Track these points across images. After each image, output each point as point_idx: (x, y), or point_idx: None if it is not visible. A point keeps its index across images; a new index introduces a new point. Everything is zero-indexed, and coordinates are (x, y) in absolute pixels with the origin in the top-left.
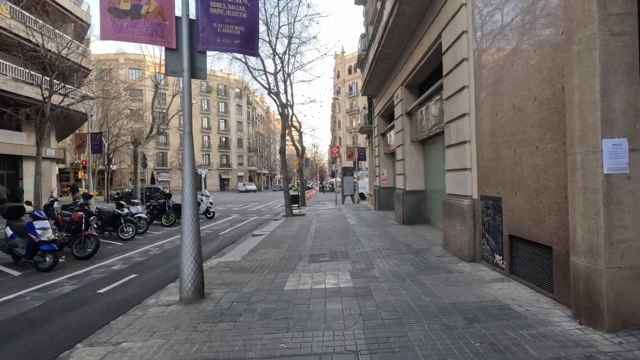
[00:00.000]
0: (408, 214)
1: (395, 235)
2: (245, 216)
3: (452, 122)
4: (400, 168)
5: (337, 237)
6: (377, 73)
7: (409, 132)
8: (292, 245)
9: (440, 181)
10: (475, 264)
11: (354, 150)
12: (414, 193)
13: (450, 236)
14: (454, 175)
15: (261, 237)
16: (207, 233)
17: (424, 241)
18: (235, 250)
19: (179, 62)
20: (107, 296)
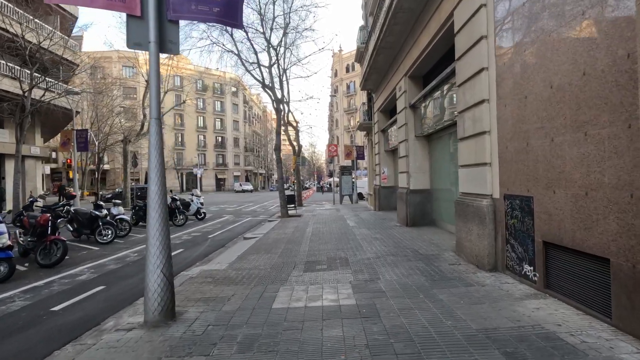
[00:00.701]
0: (412, 215)
1: (399, 239)
2: (238, 217)
3: (467, 111)
4: (404, 165)
5: (335, 241)
6: (378, 64)
7: (412, 127)
8: (286, 250)
9: (447, 179)
10: (498, 274)
11: (352, 148)
12: (419, 192)
13: (464, 241)
14: (470, 172)
15: (253, 241)
16: (195, 236)
17: (432, 246)
18: (222, 256)
19: (144, 33)
20: (61, 315)
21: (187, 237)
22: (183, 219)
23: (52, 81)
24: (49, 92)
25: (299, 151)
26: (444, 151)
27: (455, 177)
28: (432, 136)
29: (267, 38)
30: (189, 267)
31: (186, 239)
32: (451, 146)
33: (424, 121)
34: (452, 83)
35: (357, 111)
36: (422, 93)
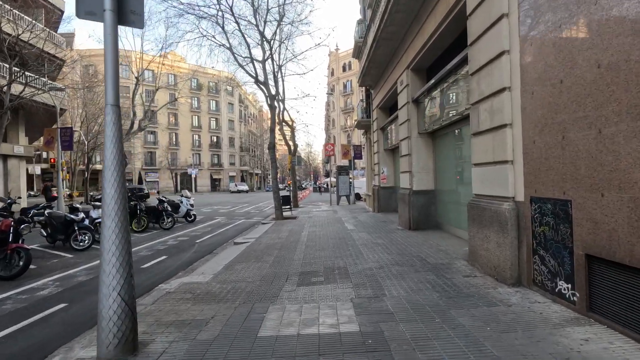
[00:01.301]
0: (415, 217)
1: (403, 245)
2: (231, 219)
3: (482, 103)
4: (406, 165)
5: (333, 247)
6: (378, 58)
7: (415, 123)
8: (278, 258)
9: (453, 179)
10: (523, 290)
11: (349, 148)
12: (422, 193)
13: (480, 249)
14: (486, 171)
15: (243, 247)
16: (182, 240)
17: (440, 253)
18: (208, 265)
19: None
20: (1, 345)
21: (173, 241)
22: (171, 222)
23: (32, 75)
24: (29, 87)
25: (294, 150)
26: (450, 149)
27: (463, 177)
28: (437, 133)
29: (261, 31)
30: (169, 278)
31: (171, 244)
32: (459, 143)
33: (428, 117)
34: (461, 73)
35: (353, 110)
36: (427, 86)
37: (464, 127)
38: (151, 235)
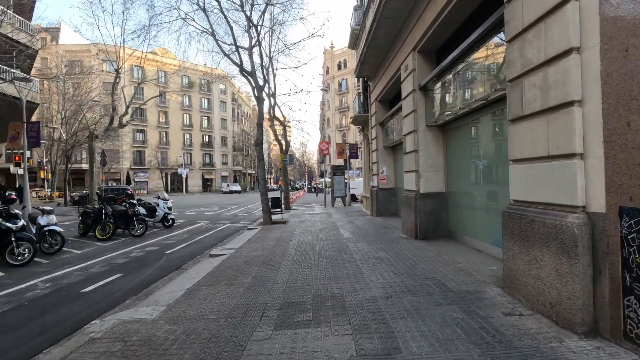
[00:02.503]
0: (423, 225)
1: (411, 260)
2: (215, 224)
3: (528, 76)
4: (411, 163)
5: (326, 263)
6: (378, 42)
7: (423, 115)
8: (257, 279)
9: (470, 180)
10: (607, 346)
11: (344, 146)
12: (431, 197)
13: (525, 276)
14: (536, 169)
15: (219, 260)
16: (150, 251)
17: (461, 273)
18: (166, 290)
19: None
20: None
21: (139, 253)
22: (142, 228)
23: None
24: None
25: (286, 149)
26: (465, 143)
27: (484, 177)
28: (450, 125)
29: (247, 15)
30: (108, 310)
31: (135, 257)
32: (480, 136)
33: (439, 106)
34: (488, 46)
35: (349, 109)
36: (438, 69)
37: (485, 117)
38: (115, 245)
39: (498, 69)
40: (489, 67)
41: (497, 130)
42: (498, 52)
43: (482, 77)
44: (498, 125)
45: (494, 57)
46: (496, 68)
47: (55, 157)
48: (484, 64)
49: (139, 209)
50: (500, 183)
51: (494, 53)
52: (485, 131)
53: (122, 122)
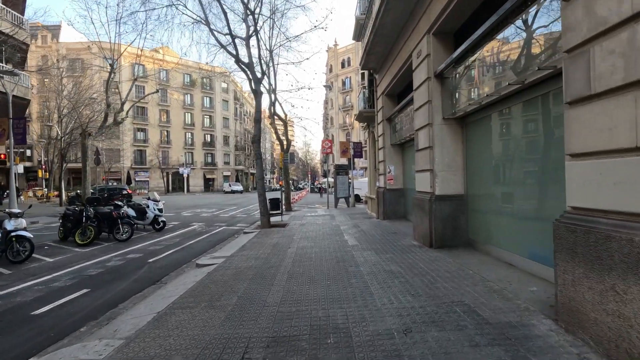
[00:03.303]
0: (439, 231)
1: (430, 276)
2: (210, 226)
3: (603, 39)
4: (425, 161)
5: (327, 278)
6: (385, 28)
7: (439, 106)
8: (243, 300)
9: (494, 180)
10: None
11: (348, 145)
12: (448, 199)
13: (597, 311)
14: (613, 166)
15: (205, 272)
16: (131, 259)
17: (495, 296)
18: (132, 313)
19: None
20: None
21: (118, 261)
22: (128, 232)
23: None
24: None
25: (287, 147)
26: (490, 138)
27: (513, 177)
28: (470, 117)
29: (245, 2)
30: (55, 342)
31: (112, 266)
32: (510, 128)
33: (458, 96)
34: (522, 20)
35: (352, 108)
36: (459, 51)
37: (517, 105)
38: (95, 251)
39: (546, 42)
40: (527, 43)
41: (535, 119)
42: (542, 21)
43: (517, 56)
44: (537, 114)
45: (535, 30)
46: (539, 42)
47: (52, 155)
48: (521, 38)
49: (126, 210)
50: (539, 184)
51: (536, 24)
52: (518, 122)
53: (117, 119)
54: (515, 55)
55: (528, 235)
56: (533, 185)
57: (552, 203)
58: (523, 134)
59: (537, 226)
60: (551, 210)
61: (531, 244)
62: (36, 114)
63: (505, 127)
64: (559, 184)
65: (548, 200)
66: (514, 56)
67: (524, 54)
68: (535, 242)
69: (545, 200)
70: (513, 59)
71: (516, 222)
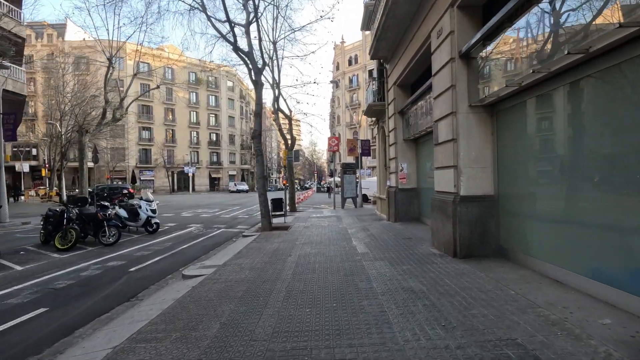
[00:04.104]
0: (465, 238)
1: (461, 297)
2: (208, 228)
3: None
4: (446, 156)
5: (332, 298)
6: (399, 9)
7: (465, 91)
8: (225, 331)
9: (534, 177)
10: None
11: (356, 143)
12: (476, 200)
13: None
14: None
15: (187, 287)
16: (110, 267)
17: (556, 330)
18: (84, 347)
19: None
20: None
21: (95, 270)
22: (115, 235)
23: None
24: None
25: (292, 145)
26: (528, 128)
27: (561, 173)
28: (503, 104)
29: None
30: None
31: (86, 277)
32: (552, 115)
33: (489, 78)
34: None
35: (360, 106)
36: (493, 23)
37: (573, 84)
38: (74, 258)
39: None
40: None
41: (612, 96)
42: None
43: (578, 18)
44: (615, 89)
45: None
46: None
47: (54, 154)
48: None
49: (117, 211)
50: (612, 183)
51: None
52: (574, 105)
53: (116, 115)
54: (575, 17)
55: (591, 248)
56: (604, 186)
57: (613, 208)
58: (581, 117)
59: (608, 238)
60: (616, 214)
61: (595, 260)
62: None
63: (552, 111)
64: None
65: (609, 203)
66: (573, 18)
67: (589, 13)
68: (602, 258)
69: (606, 204)
70: (572, 22)
71: (571, 231)
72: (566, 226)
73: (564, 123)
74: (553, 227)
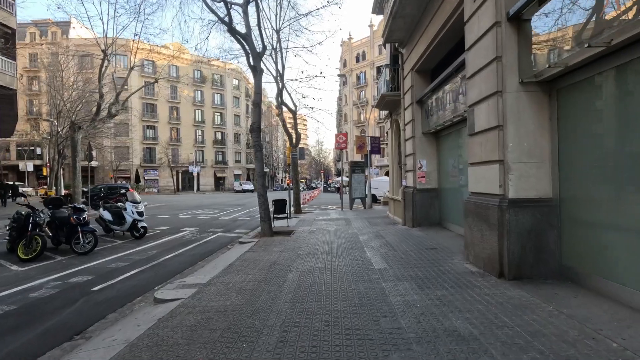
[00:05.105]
0: (515, 254)
1: (538, 351)
2: (203, 232)
3: None
4: (488, 149)
5: (345, 343)
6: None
7: (515, 64)
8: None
9: (610, 173)
10: None
11: (364, 140)
12: (530, 205)
13: None
14: None
15: (154, 319)
16: (70, 285)
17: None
18: None
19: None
20: None
21: (51, 288)
22: (90, 242)
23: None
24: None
25: (297, 141)
26: (608, 108)
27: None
28: (570, 78)
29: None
30: None
31: (34, 299)
32: None
33: (548, 47)
34: None
35: (367, 104)
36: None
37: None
38: (33, 271)
39: None
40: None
41: None
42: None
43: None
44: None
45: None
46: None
47: (53, 153)
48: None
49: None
50: None
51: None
52: None
53: (111, 111)
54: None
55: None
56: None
57: None
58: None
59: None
60: None
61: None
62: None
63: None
64: None
65: None
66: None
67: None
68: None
69: None
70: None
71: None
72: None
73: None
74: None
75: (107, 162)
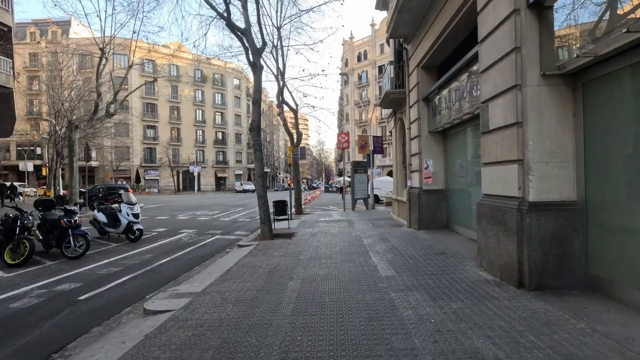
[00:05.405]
0: (536, 262)
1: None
2: (201, 235)
3: None
4: (505, 147)
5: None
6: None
7: (536, 55)
8: None
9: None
10: None
11: (367, 139)
12: (552, 209)
13: None
14: None
15: (141, 335)
16: (56, 294)
17: None
18: None
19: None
20: None
21: (35, 297)
22: (82, 246)
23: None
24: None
25: (298, 141)
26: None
27: None
28: (599, 69)
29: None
30: None
31: (17, 309)
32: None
33: (576, 36)
34: None
35: (369, 103)
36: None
37: None
38: (19, 277)
39: None
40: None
41: None
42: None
43: None
44: None
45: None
46: None
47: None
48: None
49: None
50: None
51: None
52: None
53: (109, 110)
54: None
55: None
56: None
57: None
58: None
59: None
60: None
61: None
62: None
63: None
64: None
65: None
66: None
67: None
68: None
69: None
70: None
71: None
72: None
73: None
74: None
75: (107, 162)
